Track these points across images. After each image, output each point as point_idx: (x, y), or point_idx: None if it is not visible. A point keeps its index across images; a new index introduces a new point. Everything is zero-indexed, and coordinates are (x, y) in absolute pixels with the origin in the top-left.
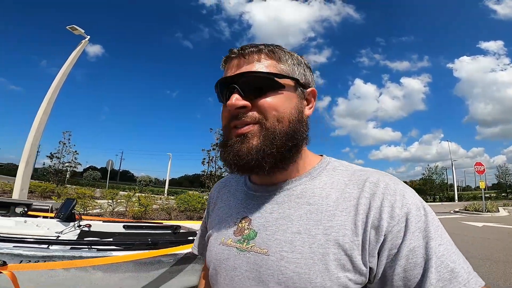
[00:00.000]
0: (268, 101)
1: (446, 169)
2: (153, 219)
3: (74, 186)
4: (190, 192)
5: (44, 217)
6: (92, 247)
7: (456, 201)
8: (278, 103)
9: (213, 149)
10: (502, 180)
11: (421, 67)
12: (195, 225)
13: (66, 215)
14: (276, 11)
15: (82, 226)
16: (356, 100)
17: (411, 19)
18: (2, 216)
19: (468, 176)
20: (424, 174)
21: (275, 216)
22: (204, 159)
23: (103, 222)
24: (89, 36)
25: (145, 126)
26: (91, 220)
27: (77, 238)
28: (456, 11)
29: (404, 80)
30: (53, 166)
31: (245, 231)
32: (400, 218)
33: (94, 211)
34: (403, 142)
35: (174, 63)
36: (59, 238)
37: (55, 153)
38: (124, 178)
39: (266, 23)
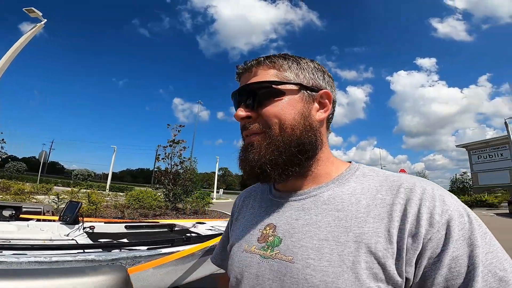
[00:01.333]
0: (269, 109)
1: None
2: (104, 217)
3: None
4: (142, 188)
5: (37, 220)
6: (123, 248)
7: None
8: (279, 110)
9: (170, 145)
10: None
11: (366, 78)
12: (187, 223)
13: (73, 218)
14: (244, 9)
15: (86, 228)
16: None
17: (365, 32)
18: None
19: None
20: None
21: (301, 223)
22: (159, 155)
23: (105, 223)
24: (45, 20)
25: (82, 114)
26: (93, 222)
27: (92, 241)
28: (404, 27)
29: (350, 88)
30: None
31: (270, 238)
32: (440, 225)
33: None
34: (343, 147)
35: (125, 50)
36: (78, 242)
37: None
38: (52, 171)
39: (232, 20)
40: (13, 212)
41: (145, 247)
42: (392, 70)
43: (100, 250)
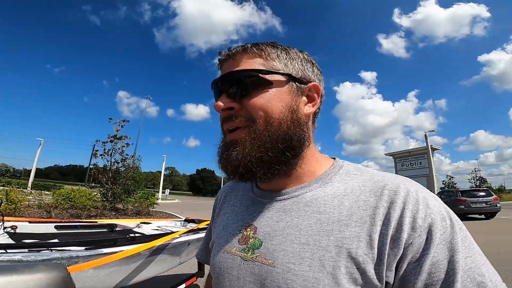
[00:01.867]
0: (255, 100)
1: None
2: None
3: None
4: (73, 187)
5: None
6: (54, 248)
7: None
8: (265, 102)
9: (110, 141)
10: None
11: None
12: (130, 223)
13: None
14: (209, 7)
15: (7, 228)
16: None
17: (321, 42)
18: None
19: None
20: None
21: (282, 225)
22: (96, 151)
23: (30, 223)
24: None
25: (5, 104)
26: (15, 221)
27: (14, 241)
28: (356, 40)
29: None
30: None
31: (250, 240)
32: (422, 229)
33: None
34: None
35: (67, 35)
36: None
37: None
38: None
39: (194, 16)
40: None
41: (82, 247)
42: (339, 81)
43: (26, 250)
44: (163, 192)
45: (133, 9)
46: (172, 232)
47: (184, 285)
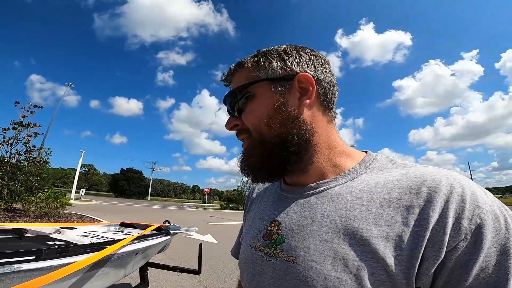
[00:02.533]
0: (246, 115)
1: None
2: None
3: None
4: None
5: None
6: None
7: None
8: (254, 112)
9: (13, 128)
10: None
11: None
12: (46, 227)
13: None
14: None
15: None
16: (198, 109)
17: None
18: None
19: None
20: (238, 186)
21: (305, 221)
22: None
23: None
24: None
25: None
26: None
27: None
28: (315, 45)
29: None
30: None
31: (274, 236)
32: (469, 232)
33: None
34: (226, 156)
35: None
36: None
37: None
38: None
39: (145, 7)
40: None
41: None
42: None
43: None
44: (77, 192)
45: None
46: (117, 240)
47: None
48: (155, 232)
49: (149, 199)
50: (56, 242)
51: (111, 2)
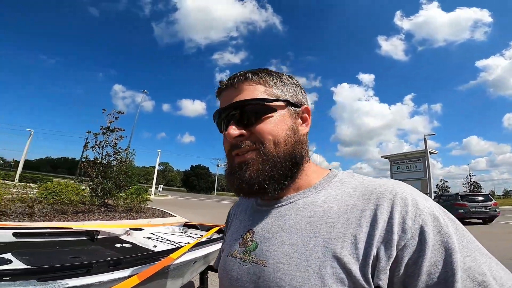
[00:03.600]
0: (262, 126)
1: None
2: (7, 214)
3: None
4: (62, 180)
5: None
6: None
7: None
8: (272, 127)
9: (103, 133)
10: None
11: (314, 86)
12: (116, 229)
13: None
14: (209, 2)
15: None
16: None
17: (321, 42)
18: None
19: None
20: None
21: (275, 228)
22: (87, 143)
23: None
24: None
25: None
26: None
27: None
28: (355, 41)
29: None
30: None
31: (248, 243)
32: (414, 231)
33: None
34: None
35: (65, 26)
36: None
37: None
38: None
39: (194, 11)
40: None
41: (36, 277)
42: (337, 82)
43: None
44: (156, 188)
45: (133, 2)
46: (175, 249)
47: None
48: (216, 234)
49: (215, 194)
50: (124, 245)
51: (164, 10)
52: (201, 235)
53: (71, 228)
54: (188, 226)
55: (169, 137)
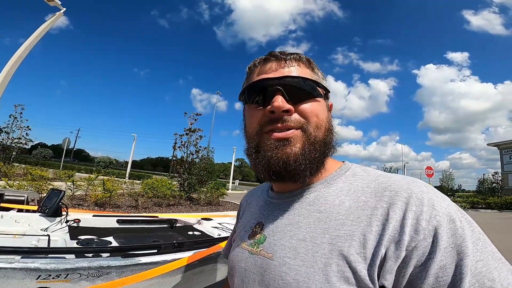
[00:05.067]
0: (311, 106)
1: (397, 170)
2: (119, 206)
3: (23, 165)
4: (158, 177)
5: (19, 210)
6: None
7: None
8: (319, 110)
9: (186, 134)
10: (444, 184)
11: (390, 71)
12: (191, 219)
13: (53, 209)
14: None
15: (70, 222)
16: None
17: (390, 23)
18: None
19: (415, 177)
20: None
21: (284, 222)
22: (175, 143)
23: (94, 216)
24: (65, 8)
25: (106, 104)
26: (80, 214)
27: (73, 237)
28: (433, 19)
29: (372, 81)
30: (1, 141)
31: (257, 236)
32: (427, 232)
33: None
34: (363, 142)
35: (146, 41)
36: (52, 238)
37: (3, 127)
38: (78, 158)
39: (249, 10)
40: None
41: (119, 255)
42: (419, 63)
43: (73, 255)
44: (233, 183)
45: (192, 9)
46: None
47: None
48: None
49: None
50: (195, 232)
51: (221, 13)
52: None
53: (157, 217)
54: None
55: (242, 134)
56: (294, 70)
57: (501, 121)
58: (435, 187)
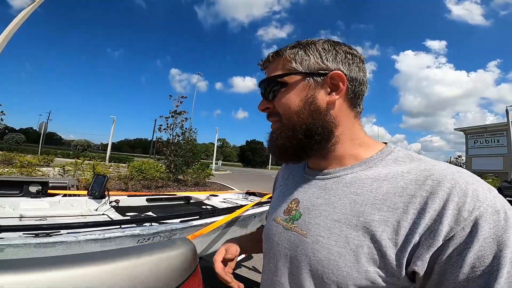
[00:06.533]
0: (278, 101)
1: None
2: (110, 191)
3: None
4: (140, 159)
5: (65, 195)
6: (160, 222)
7: None
8: (286, 100)
9: (172, 116)
10: None
11: (371, 55)
12: (201, 195)
13: (101, 193)
14: None
15: (112, 202)
16: None
17: (374, 9)
18: (17, 196)
19: None
20: None
21: (320, 202)
22: (160, 125)
23: (128, 196)
24: None
25: (77, 86)
26: (117, 195)
27: (120, 214)
28: (416, 7)
29: None
30: None
31: (292, 212)
32: (467, 223)
33: None
34: None
35: (120, 21)
36: (110, 216)
37: None
38: (49, 142)
39: None
40: (40, 188)
41: (178, 220)
42: (399, 50)
43: (135, 225)
44: (216, 163)
45: None
46: (242, 206)
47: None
48: (270, 199)
49: (269, 168)
50: (207, 206)
51: None
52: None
53: (175, 194)
54: (249, 193)
55: (224, 114)
56: (270, 70)
57: (470, 107)
58: None
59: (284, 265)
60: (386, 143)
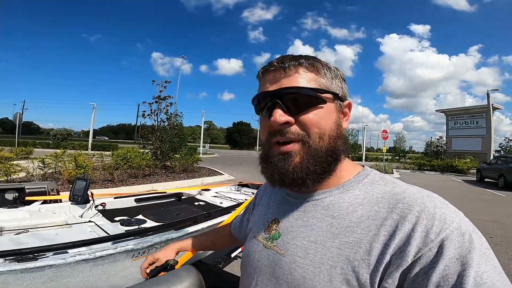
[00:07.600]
0: (310, 117)
1: (358, 131)
2: (94, 181)
3: None
4: (124, 146)
5: (44, 201)
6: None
7: (363, 161)
8: (320, 119)
9: (156, 101)
10: (397, 146)
11: (356, 38)
12: (192, 191)
13: (84, 198)
14: None
15: (98, 206)
16: None
17: None
18: None
19: (373, 138)
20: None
21: (299, 223)
22: (144, 111)
23: (115, 198)
24: None
25: (53, 73)
26: (102, 198)
27: (108, 219)
28: None
29: (338, 47)
30: None
31: (272, 231)
32: (434, 244)
33: (21, 175)
34: None
35: (95, 4)
36: (96, 223)
37: None
38: (27, 131)
39: None
40: (16, 195)
41: (172, 229)
42: (384, 32)
43: (131, 238)
44: (203, 147)
45: None
46: (236, 200)
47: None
48: None
49: (257, 150)
50: (200, 203)
51: None
52: (252, 193)
53: (165, 192)
54: (241, 185)
55: (210, 96)
56: (294, 79)
57: (451, 89)
58: (390, 148)
59: (263, 282)
60: (363, 166)
